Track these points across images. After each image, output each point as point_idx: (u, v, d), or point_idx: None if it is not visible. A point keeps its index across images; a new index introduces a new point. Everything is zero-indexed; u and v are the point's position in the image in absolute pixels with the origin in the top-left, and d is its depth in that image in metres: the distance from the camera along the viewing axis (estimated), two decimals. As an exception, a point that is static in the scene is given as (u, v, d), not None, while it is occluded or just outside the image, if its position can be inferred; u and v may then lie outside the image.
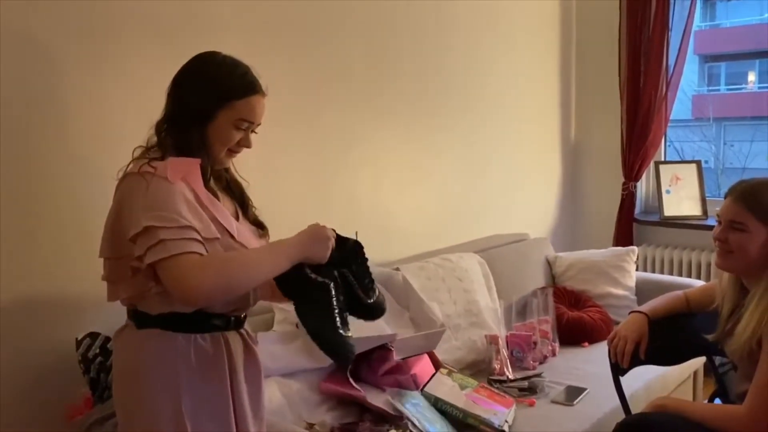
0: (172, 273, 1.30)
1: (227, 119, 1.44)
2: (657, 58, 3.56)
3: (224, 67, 1.48)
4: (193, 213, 1.35)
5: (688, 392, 2.98)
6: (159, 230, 1.29)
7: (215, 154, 1.47)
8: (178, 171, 1.37)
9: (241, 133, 1.47)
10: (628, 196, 3.74)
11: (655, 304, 2.06)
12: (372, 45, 2.77)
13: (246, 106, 1.46)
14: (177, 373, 1.40)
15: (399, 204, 2.95)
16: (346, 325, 1.50)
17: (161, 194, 1.33)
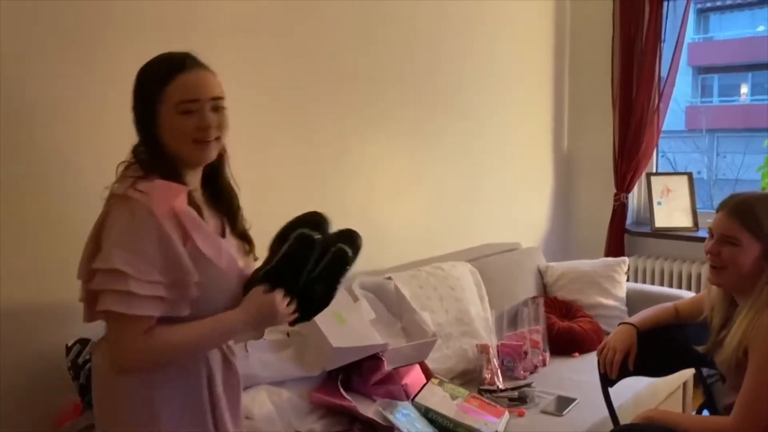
0: (117, 333, 1.31)
1: (168, 111, 1.34)
2: (650, 69, 3.59)
3: (148, 65, 1.39)
4: (171, 259, 1.30)
5: (677, 403, 2.99)
6: (128, 279, 1.26)
7: (181, 152, 1.37)
8: (165, 200, 1.31)
9: (191, 116, 1.35)
10: (620, 206, 3.76)
11: (644, 315, 2.07)
12: (365, 54, 2.78)
13: (178, 87, 1.34)
14: (153, 386, 1.38)
15: (391, 212, 2.96)
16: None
17: (142, 232, 1.29)
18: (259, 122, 2.42)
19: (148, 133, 1.37)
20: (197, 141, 1.36)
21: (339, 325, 2.14)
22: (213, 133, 1.38)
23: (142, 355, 1.32)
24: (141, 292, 1.26)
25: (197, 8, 2.19)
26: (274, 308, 1.41)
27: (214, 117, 1.38)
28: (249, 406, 1.94)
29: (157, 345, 1.32)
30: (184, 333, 1.35)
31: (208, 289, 1.37)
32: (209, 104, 1.37)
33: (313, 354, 2.10)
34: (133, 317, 1.27)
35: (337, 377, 2.14)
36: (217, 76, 1.41)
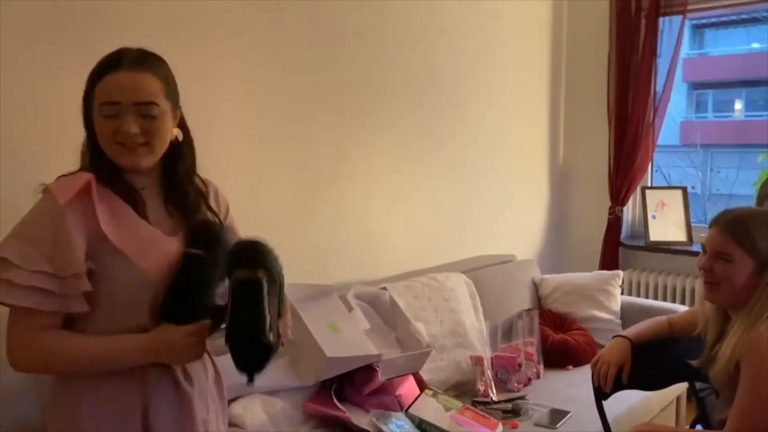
0: (9, 325, 1.26)
1: (96, 111, 1.28)
2: (645, 84, 3.61)
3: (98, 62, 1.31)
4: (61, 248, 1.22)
5: (671, 417, 2.99)
6: (11, 268, 1.21)
7: (108, 152, 1.30)
8: (69, 188, 1.25)
9: (113, 121, 1.26)
10: (615, 220, 3.77)
11: (638, 329, 2.07)
12: (361, 64, 2.79)
13: (103, 88, 1.26)
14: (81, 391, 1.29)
15: (387, 222, 2.96)
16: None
17: (38, 221, 1.25)
18: (255, 131, 2.43)
19: (87, 131, 1.32)
20: (119, 144, 1.27)
21: (333, 334, 2.13)
22: (137, 139, 1.27)
23: (28, 354, 1.25)
24: (20, 281, 1.20)
25: (196, 18, 2.19)
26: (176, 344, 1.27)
27: (141, 122, 1.27)
28: (242, 416, 1.94)
29: (45, 347, 1.25)
30: (74, 343, 1.27)
31: (120, 286, 1.27)
32: (133, 109, 1.26)
33: (307, 363, 2.10)
34: (26, 310, 1.22)
35: (330, 387, 2.14)
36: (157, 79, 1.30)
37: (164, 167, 1.38)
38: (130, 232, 1.29)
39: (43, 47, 1.85)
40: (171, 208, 1.38)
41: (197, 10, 2.19)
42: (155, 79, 1.29)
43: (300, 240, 2.59)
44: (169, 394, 1.34)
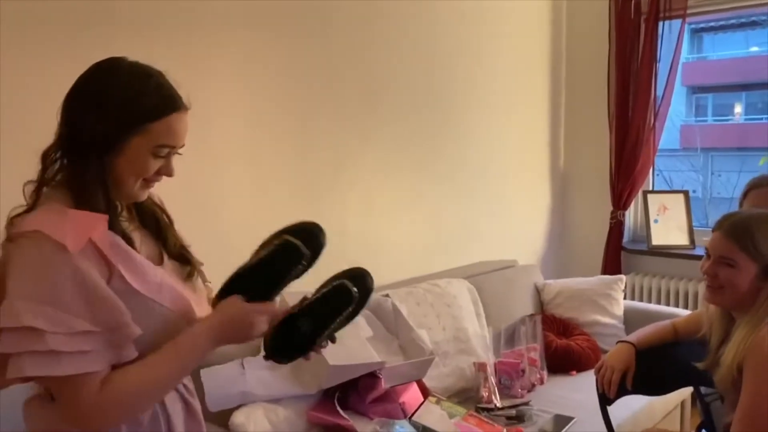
0: (65, 400, 1.10)
1: (142, 147, 1.14)
2: (645, 88, 3.61)
3: (132, 79, 1.15)
4: (95, 300, 1.08)
5: (675, 422, 2.98)
6: (46, 336, 1.03)
7: (128, 189, 1.18)
8: (80, 232, 1.08)
9: (160, 161, 1.17)
10: (617, 224, 3.77)
11: (642, 333, 2.07)
12: (362, 69, 2.80)
13: (165, 129, 1.15)
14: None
15: (388, 228, 2.96)
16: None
17: (52, 275, 1.06)
18: (253, 139, 2.42)
19: (96, 154, 1.13)
20: (148, 182, 1.20)
21: (335, 343, 2.12)
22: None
23: (106, 412, 1.11)
24: (66, 348, 1.05)
25: (193, 22, 2.20)
26: (250, 317, 1.20)
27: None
28: (245, 424, 1.93)
29: (114, 396, 1.11)
30: (142, 372, 1.14)
31: (146, 329, 1.15)
32: (176, 150, 1.20)
33: (310, 372, 2.09)
34: (81, 376, 1.07)
35: (333, 395, 2.13)
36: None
37: None
38: (141, 271, 1.17)
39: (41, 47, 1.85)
40: (145, 233, 1.28)
41: (194, 13, 2.19)
42: None
43: (301, 247, 2.58)
44: (183, 408, 1.31)
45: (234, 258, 1.39)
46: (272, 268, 1.25)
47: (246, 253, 1.32)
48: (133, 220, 1.28)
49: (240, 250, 1.33)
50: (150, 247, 1.27)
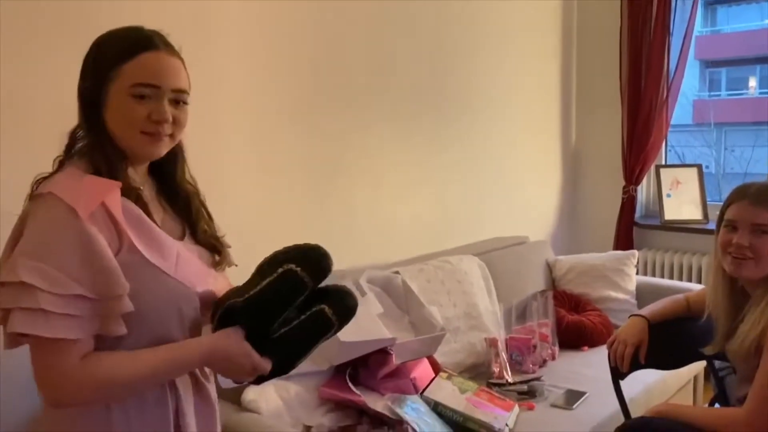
0: (37, 361, 1.08)
1: (120, 92, 1.13)
2: (658, 62, 3.56)
3: (108, 36, 1.18)
4: (95, 267, 1.07)
5: (689, 397, 2.97)
6: (38, 293, 1.03)
7: (127, 142, 1.16)
8: (92, 197, 1.09)
9: (145, 104, 1.14)
10: (629, 199, 3.73)
11: (655, 307, 2.05)
12: (370, 49, 2.77)
13: (137, 68, 1.13)
14: (110, 423, 1.15)
15: (398, 206, 2.94)
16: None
17: (57, 236, 1.06)
18: (261, 118, 2.41)
19: (93, 115, 1.15)
20: (146, 133, 1.15)
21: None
22: (167, 129, 1.17)
23: (80, 388, 1.09)
24: (56, 309, 1.04)
25: (203, 9, 2.17)
26: (245, 364, 1.19)
27: (173, 111, 1.17)
28: (257, 401, 1.94)
29: (97, 376, 1.09)
30: (132, 364, 1.12)
31: (155, 301, 1.15)
32: (170, 95, 1.16)
33: (321, 348, 2.07)
34: (63, 341, 1.05)
35: (345, 371, 2.13)
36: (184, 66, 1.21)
37: (156, 163, 1.26)
38: (155, 241, 1.16)
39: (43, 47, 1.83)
40: (170, 210, 1.27)
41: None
42: (184, 68, 1.20)
43: (311, 226, 2.58)
44: (194, 391, 1.28)
45: (241, 242, 1.38)
46: (274, 300, 1.20)
47: (252, 237, 1.29)
48: (158, 197, 1.27)
49: (247, 233, 1.31)
50: (172, 225, 1.26)
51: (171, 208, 1.28)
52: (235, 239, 1.41)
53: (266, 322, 1.21)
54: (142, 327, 1.14)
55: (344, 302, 1.27)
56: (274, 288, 1.19)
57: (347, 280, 2.29)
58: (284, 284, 1.19)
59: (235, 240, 1.41)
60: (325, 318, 1.23)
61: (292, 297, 1.21)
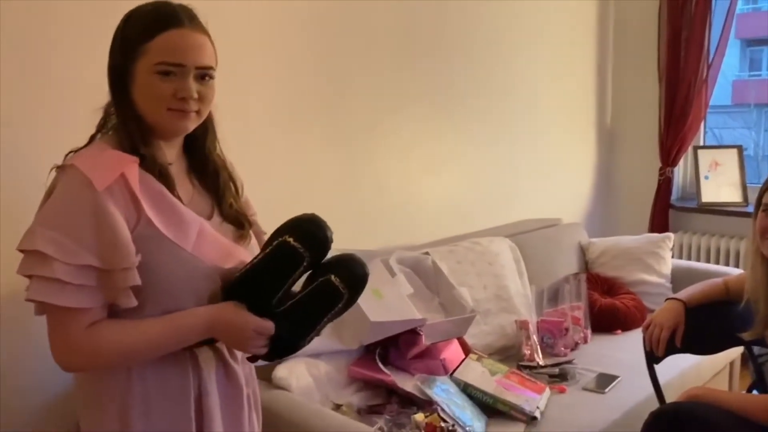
0: (51, 327, 1.12)
1: (146, 69, 1.14)
2: (698, 40, 3.46)
3: (135, 12, 1.19)
4: (107, 238, 1.09)
5: (724, 382, 2.92)
6: (53, 262, 1.06)
7: (154, 118, 1.17)
8: (108, 170, 1.11)
9: (171, 81, 1.15)
10: (665, 181, 3.65)
11: (692, 291, 2.01)
12: (400, 29, 2.73)
13: (162, 46, 1.14)
14: (126, 403, 1.18)
15: (428, 186, 2.92)
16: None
17: (73, 207, 1.09)
18: (290, 96, 2.39)
19: (121, 91, 1.18)
20: (172, 110, 1.17)
21: (376, 299, 2.12)
22: (192, 105, 1.17)
23: (82, 353, 1.13)
24: (70, 279, 1.07)
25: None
26: (247, 332, 1.18)
27: (198, 87, 1.17)
28: (287, 378, 1.95)
29: (101, 344, 1.12)
30: (132, 332, 1.14)
31: (169, 276, 1.16)
32: (195, 72, 1.17)
33: (351, 328, 2.09)
34: (74, 310, 1.09)
35: (375, 351, 2.13)
36: (212, 43, 1.21)
37: (188, 138, 1.28)
38: (174, 217, 1.17)
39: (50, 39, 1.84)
40: (199, 186, 1.29)
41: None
42: (210, 43, 1.20)
43: (341, 206, 2.57)
44: (219, 370, 1.27)
45: (271, 220, 1.37)
46: (269, 272, 1.20)
47: (281, 213, 1.28)
48: (189, 173, 1.28)
49: (277, 211, 1.29)
50: (201, 203, 1.27)
51: (201, 184, 1.29)
52: (264, 220, 1.40)
53: (265, 296, 1.20)
54: (157, 300, 1.16)
55: (352, 270, 1.24)
56: (268, 259, 1.19)
57: (377, 260, 2.28)
58: (278, 256, 1.19)
59: (264, 221, 1.40)
60: (332, 287, 1.21)
61: (288, 268, 1.20)
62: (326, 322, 1.25)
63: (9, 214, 1.70)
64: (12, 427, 1.80)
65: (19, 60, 1.73)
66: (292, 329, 1.22)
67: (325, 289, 1.21)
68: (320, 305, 1.23)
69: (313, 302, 1.22)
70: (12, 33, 1.71)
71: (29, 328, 1.74)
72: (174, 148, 1.26)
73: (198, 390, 1.23)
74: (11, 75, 1.72)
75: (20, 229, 1.13)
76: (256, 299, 1.20)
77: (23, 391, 1.81)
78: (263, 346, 1.20)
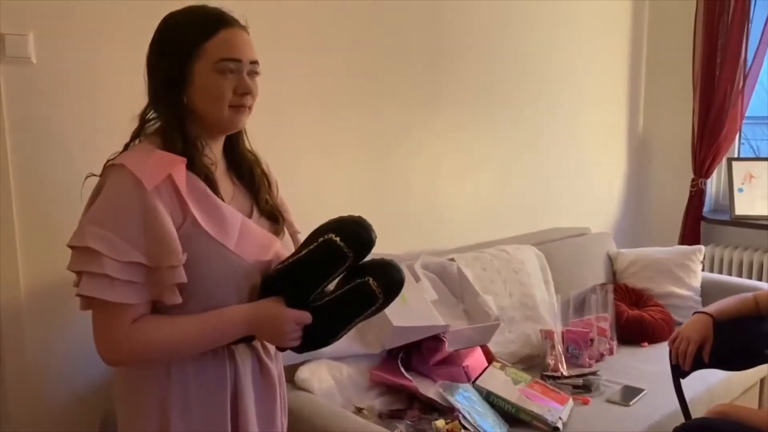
0: (97, 322, 1.16)
1: (205, 69, 1.18)
2: (735, 48, 3.39)
3: (181, 17, 1.22)
4: (155, 237, 1.13)
5: (754, 400, 2.85)
6: (103, 259, 1.10)
7: (214, 116, 1.22)
8: (158, 170, 1.14)
9: (231, 78, 1.20)
10: (697, 192, 3.59)
11: (721, 305, 1.97)
12: (431, 30, 2.72)
13: (220, 43, 1.19)
14: (165, 397, 1.21)
15: (455, 192, 2.91)
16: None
17: (123, 206, 1.13)
18: (323, 101, 2.41)
19: (172, 94, 1.20)
20: (235, 107, 1.22)
21: (401, 304, 2.12)
22: (249, 100, 1.23)
23: (126, 348, 1.16)
24: (118, 275, 1.10)
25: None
26: (285, 326, 1.21)
27: (251, 82, 1.23)
28: (309, 380, 1.96)
29: (143, 338, 1.16)
30: (174, 329, 1.17)
31: (213, 274, 1.19)
32: (248, 67, 1.22)
33: (374, 332, 2.10)
34: (121, 305, 1.12)
35: (397, 356, 2.13)
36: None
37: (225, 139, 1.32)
38: (217, 216, 1.20)
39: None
40: (239, 184, 1.32)
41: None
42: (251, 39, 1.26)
43: (367, 210, 2.50)
44: (255, 368, 1.30)
45: (303, 220, 1.40)
46: (311, 267, 1.23)
47: (313, 214, 1.31)
48: (229, 172, 1.32)
49: (308, 212, 1.33)
50: (241, 201, 1.30)
51: (240, 182, 1.33)
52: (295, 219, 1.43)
53: (304, 290, 1.23)
54: (200, 297, 1.19)
55: (389, 275, 1.26)
56: (312, 256, 1.22)
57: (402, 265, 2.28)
58: (322, 253, 1.22)
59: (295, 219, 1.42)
60: (368, 289, 1.23)
61: (330, 266, 1.23)
62: (357, 322, 1.28)
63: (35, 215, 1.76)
64: (37, 425, 1.84)
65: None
66: (326, 325, 1.25)
67: (362, 291, 1.24)
68: (355, 306, 1.25)
69: (348, 302, 1.25)
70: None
71: (53, 326, 1.81)
72: (217, 149, 1.29)
73: (234, 388, 1.26)
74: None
75: (42, 228, 1.16)
76: (295, 292, 1.23)
77: (47, 388, 1.86)
78: (297, 338, 1.23)
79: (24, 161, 1.74)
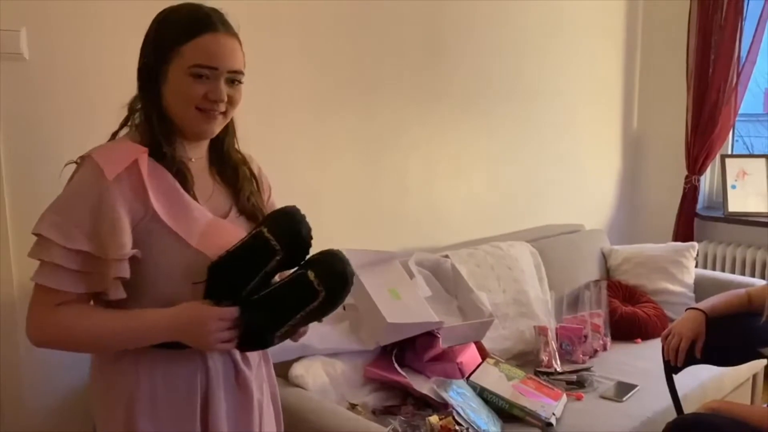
0: (30, 302, 1.17)
1: (179, 71, 1.18)
2: (728, 45, 3.40)
3: (170, 14, 1.22)
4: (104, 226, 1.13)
5: (746, 396, 2.87)
6: (53, 249, 1.12)
7: (182, 118, 1.21)
8: (118, 160, 1.15)
9: (203, 83, 1.18)
10: (691, 189, 3.61)
11: (714, 301, 1.98)
12: (426, 30, 2.72)
13: (197, 49, 1.17)
14: (132, 399, 1.20)
15: (450, 189, 2.91)
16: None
17: (80, 195, 1.14)
18: (316, 98, 2.41)
19: (150, 90, 1.21)
20: (201, 110, 1.20)
21: (394, 300, 2.12)
22: (221, 107, 1.21)
23: (49, 331, 1.16)
24: (65, 263, 1.12)
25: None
26: (207, 325, 1.15)
27: (228, 90, 1.21)
28: (304, 376, 1.96)
29: (64, 323, 1.15)
30: (96, 320, 1.16)
31: (170, 268, 1.18)
32: (226, 75, 1.21)
33: (368, 328, 2.10)
34: (50, 288, 1.14)
35: (391, 352, 2.14)
36: (240, 46, 1.24)
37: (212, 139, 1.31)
38: (182, 212, 1.19)
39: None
40: (220, 183, 1.31)
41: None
42: (240, 46, 1.24)
43: (362, 207, 2.58)
44: (228, 375, 1.28)
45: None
46: (241, 260, 1.18)
47: (309, 213, 1.26)
48: (211, 170, 1.31)
49: (305, 211, 1.30)
50: (220, 199, 1.29)
51: (221, 179, 1.32)
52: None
53: (237, 284, 1.18)
54: (154, 293, 1.19)
55: (331, 267, 1.19)
56: (243, 248, 1.18)
57: (396, 262, 2.29)
58: (251, 245, 1.18)
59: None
60: (306, 282, 1.17)
61: (259, 259, 1.18)
62: (302, 319, 1.20)
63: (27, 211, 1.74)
64: (33, 422, 1.84)
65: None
66: (262, 321, 1.19)
67: (299, 283, 1.18)
68: (293, 299, 1.19)
69: (285, 295, 1.19)
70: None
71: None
72: (198, 148, 1.29)
73: (205, 393, 1.24)
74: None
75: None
76: (228, 286, 1.18)
77: (42, 389, 1.85)
78: (229, 338, 1.17)
79: (16, 157, 1.74)
